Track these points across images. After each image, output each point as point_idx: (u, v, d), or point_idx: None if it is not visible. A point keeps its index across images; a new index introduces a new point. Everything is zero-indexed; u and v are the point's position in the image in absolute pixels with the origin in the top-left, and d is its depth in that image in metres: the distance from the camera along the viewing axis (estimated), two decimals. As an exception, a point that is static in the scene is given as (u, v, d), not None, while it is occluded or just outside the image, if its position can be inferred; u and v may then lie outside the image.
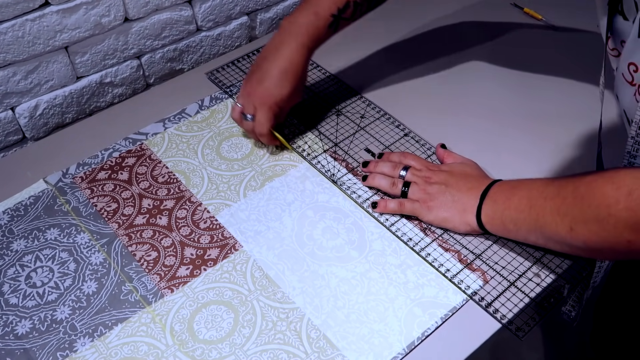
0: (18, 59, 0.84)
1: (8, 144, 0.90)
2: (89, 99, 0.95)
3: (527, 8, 1.06)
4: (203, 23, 1.01)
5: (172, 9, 0.96)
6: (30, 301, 0.68)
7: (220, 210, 0.77)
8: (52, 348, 0.64)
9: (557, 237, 0.62)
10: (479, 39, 1.01)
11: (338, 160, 0.82)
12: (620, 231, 0.54)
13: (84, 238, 0.74)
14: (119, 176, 0.81)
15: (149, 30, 0.95)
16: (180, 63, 1.03)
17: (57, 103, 0.91)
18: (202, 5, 0.98)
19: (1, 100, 0.86)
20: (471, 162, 0.77)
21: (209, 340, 0.65)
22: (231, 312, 0.67)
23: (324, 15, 0.77)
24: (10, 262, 0.72)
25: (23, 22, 0.81)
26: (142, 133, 0.86)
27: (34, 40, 0.84)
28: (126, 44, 0.94)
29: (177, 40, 1.00)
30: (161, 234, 0.74)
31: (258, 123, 0.78)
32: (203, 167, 0.82)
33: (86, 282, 0.70)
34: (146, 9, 0.92)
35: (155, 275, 0.70)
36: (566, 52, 0.98)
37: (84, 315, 0.67)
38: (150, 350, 0.64)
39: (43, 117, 0.91)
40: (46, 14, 0.83)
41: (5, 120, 0.88)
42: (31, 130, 0.91)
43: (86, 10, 0.86)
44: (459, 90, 0.92)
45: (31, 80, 0.87)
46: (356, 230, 0.74)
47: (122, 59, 0.95)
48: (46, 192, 0.79)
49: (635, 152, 0.57)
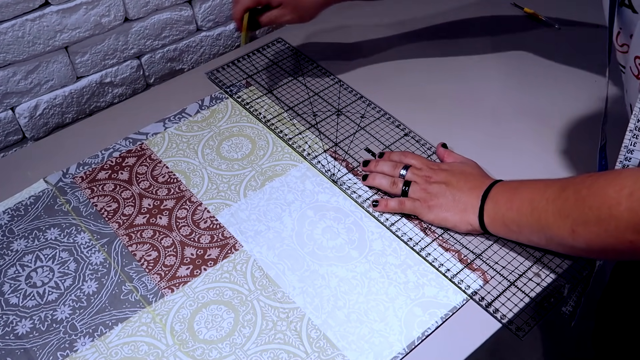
0: (18, 59, 0.84)
1: (8, 144, 0.90)
2: (89, 99, 0.95)
3: (527, 8, 1.06)
4: (203, 23, 1.01)
5: (172, 9, 0.96)
6: (30, 301, 0.68)
7: (220, 210, 0.77)
8: (53, 348, 0.64)
9: (559, 238, 0.62)
10: (479, 38, 1.01)
11: (338, 160, 0.82)
12: (622, 232, 0.54)
13: (84, 238, 0.74)
14: (119, 176, 0.81)
15: (149, 30, 0.95)
16: (180, 63, 1.03)
17: (57, 103, 0.91)
18: (202, 5, 0.99)
19: (1, 100, 0.86)
20: (471, 162, 0.77)
21: (209, 340, 0.65)
22: (231, 312, 0.67)
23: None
24: (10, 261, 0.72)
25: (23, 22, 0.82)
26: (142, 133, 0.86)
27: (34, 40, 0.84)
28: (126, 44, 0.94)
29: (177, 40, 1.00)
30: (161, 234, 0.74)
31: None
32: (203, 167, 0.82)
33: (86, 282, 0.70)
34: (146, 9, 0.92)
35: (155, 275, 0.70)
36: (566, 51, 0.98)
37: (84, 315, 0.67)
38: (150, 350, 0.64)
39: (43, 117, 0.91)
40: (46, 14, 0.83)
41: (5, 120, 0.88)
42: (31, 130, 0.91)
43: (86, 10, 0.86)
44: (459, 90, 0.92)
45: (31, 80, 0.87)
46: (356, 230, 0.74)
47: (122, 59, 0.95)
48: (46, 192, 0.79)
49: (632, 147, 0.57)
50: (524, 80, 0.94)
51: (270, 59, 0.97)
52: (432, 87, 0.93)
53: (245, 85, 0.93)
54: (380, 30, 1.03)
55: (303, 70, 0.95)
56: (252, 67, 0.96)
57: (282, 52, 0.98)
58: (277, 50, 0.99)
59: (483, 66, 0.96)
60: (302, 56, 0.97)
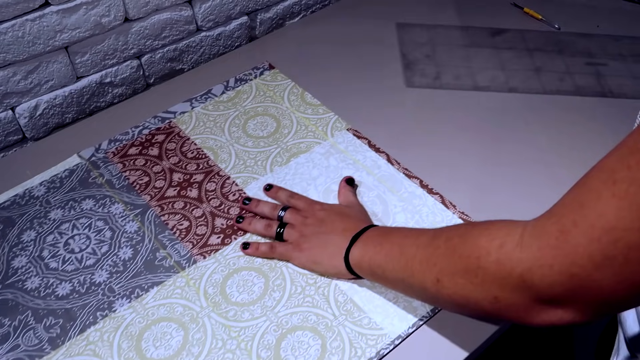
0: (18, 59, 0.83)
1: (8, 144, 0.89)
2: (89, 99, 0.94)
3: (527, 8, 1.06)
4: (203, 23, 1.00)
5: (172, 9, 0.95)
6: (69, 265, 0.71)
7: (248, 183, 0.80)
8: (92, 308, 0.67)
9: (421, 287, 0.58)
10: (478, 38, 1.01)
11: (361, 138, 0.85)
12: (488, 286, 0.50)
13: (118, 208, 0.77)
14: (149, 152, 0.84)
15: (149, 30, 0.94)
16: (180, 63, 1.02)
17: (57, 103, 0.90)
18: (202, 5, 0.97)
19: (1, 100, 0.85)
20: (359, 205, 0.74)
21: (241, 302, 0.68)
22: (262, 277, 0.70)
23: None
24: (48, 229, 0.75)
25: (23, 22, 0.81)
26: (170, 112, 0.89)
27: (34, 40, 0.83)
28: (126, 44, 0.93)
29: (177, 40, 0.99)
30: (192, 205, 0.77)
31: None
32: (230, 143, 0.85)
33: (122, 248, 0.73)
34: (146, 9, 0.91)
35: (187, 242, 0.73)
36: (566, 51, 0.97)
37: (121, 279, 0.70)
38: (185, 311, 0.67)
39: (43, 117, 0.90)
40: (46, 14, 0.82)
41: (5, 120, 0.87)
42: (31, 130, 0.91)
43: (86, 10, 0.85)
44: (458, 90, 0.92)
45: (31, 80, 0.86)
46: (380, 203, 0.77)
47: (122, 59, 0.94)
48: (80, 166, 0.82)
49: None
50: (524, 80, 0.93)
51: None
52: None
53: (269, 67, 0.96)
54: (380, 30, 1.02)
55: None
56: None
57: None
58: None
59: (483, 66, 0.95)
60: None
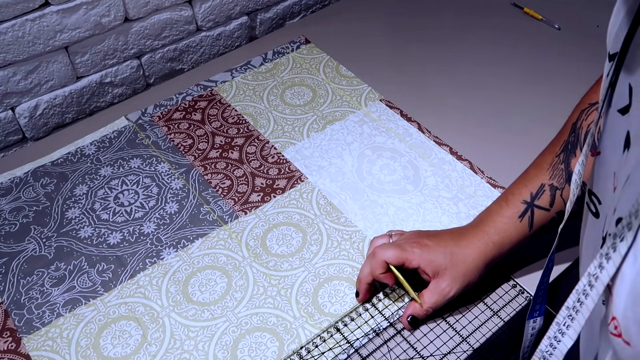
0: (18, 59, 0.84)
1: (8, 144, 0.90)
2: (89, 99, 0.94)
3: (527, 8, 1.05)
4: (203, 23, 1.00)
5: (172, 9, 0.95)
6: (119, 217, 0.76)
7: (286, 147, 0.84)
8: (141, 256, 0.72)
9: None
10: (479, 38, 1.01)
11: (393, 108, 0.89)
12: None
13: (164, 167, 0.81)
14: (192, 117, 0.88)
15: (149, 30, 0.94)
16: (180, 63, 1.02)
17: (57, 103, 0.91)
18: (202, 5, 0.98)
19: (1, 100, 0.85)
20: None
21: (281, 254, 0.72)
22: (300, 233, 0.74)
23: None
24: (99, 185, 0.80)
25: (23, 22, 0.81)
26: (212, 80, 0.94)
27: (34, 40, 0.83)
28: (126, 44, 0.93)
29: (177, 40, 0.99)
30: (233, 166, 0.82)
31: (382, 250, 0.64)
32: (269, 110, 0.89)
33: (168, 203, 0.77)
34: (146, 9, 0.92)
35: (229, 199, 0.78)
36: (566, 51, 0.98)
37: (168, 230, 0.74)
38: (228, 260, 0.71)
39: (43, 117, 0.91)
40: (46, 14, 0.83)
41: (5, 120, 0.87)
42: (31, 130, 0.91)
43: (86, 10, 0.86)
44: (458, 90, 0.93)
45: (31, 80, 0.87)
46: (411, 168, 0.81)
47: (122, 59, 0.95)
48: (128, 128, 0.87)
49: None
50: (524, 80, 0.94)
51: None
52: (431, 88, 0.93)
53: (305, 41, 1.00)
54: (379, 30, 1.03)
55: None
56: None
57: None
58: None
59: (483, 66, 0.96)
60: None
